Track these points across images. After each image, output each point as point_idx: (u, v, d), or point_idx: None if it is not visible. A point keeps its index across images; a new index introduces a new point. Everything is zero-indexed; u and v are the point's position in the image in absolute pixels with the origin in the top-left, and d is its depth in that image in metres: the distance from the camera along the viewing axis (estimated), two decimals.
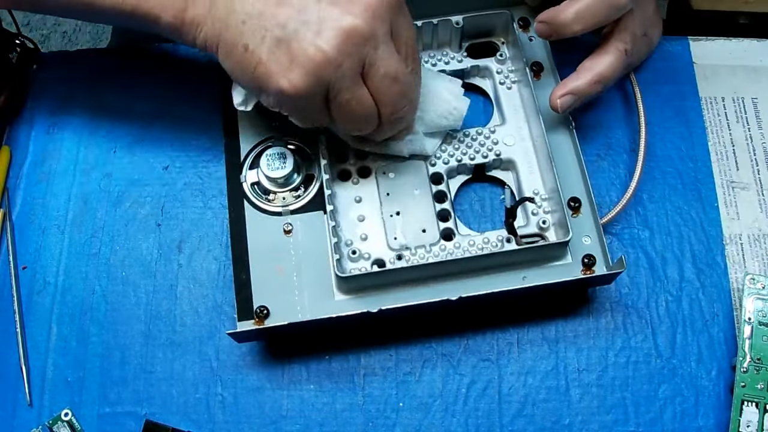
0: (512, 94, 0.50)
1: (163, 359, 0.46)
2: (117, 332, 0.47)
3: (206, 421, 0.45)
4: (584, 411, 0.44)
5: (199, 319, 0.47)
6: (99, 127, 0.52)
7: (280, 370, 0.45)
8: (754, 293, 0.44)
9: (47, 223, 0.50)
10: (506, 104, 0.50)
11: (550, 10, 0.44)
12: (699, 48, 0.54)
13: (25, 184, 0.51)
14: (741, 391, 0.43)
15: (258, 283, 0.44)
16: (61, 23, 1.39)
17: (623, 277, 0.47)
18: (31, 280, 0.48)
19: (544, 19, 0.45)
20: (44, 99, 0.53)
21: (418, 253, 0.45)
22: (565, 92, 0.45)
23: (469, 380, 0.45)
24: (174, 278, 0.48)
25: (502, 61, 0.51)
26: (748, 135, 0.51)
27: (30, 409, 0.45)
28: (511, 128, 0.49)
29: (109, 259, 0.48)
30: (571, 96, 0.45)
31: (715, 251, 0.48)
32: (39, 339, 0.46)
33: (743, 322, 0.44)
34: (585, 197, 0.46)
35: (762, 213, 0.49)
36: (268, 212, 0.46)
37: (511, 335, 0.46)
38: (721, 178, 0.50)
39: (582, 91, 0.45)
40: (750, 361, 0.43)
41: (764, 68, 0.54)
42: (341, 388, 0.45)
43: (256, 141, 0.48)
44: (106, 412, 0.45)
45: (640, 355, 0.45)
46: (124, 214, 0.50)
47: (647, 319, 0.46)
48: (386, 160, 0.48)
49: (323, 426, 0.44)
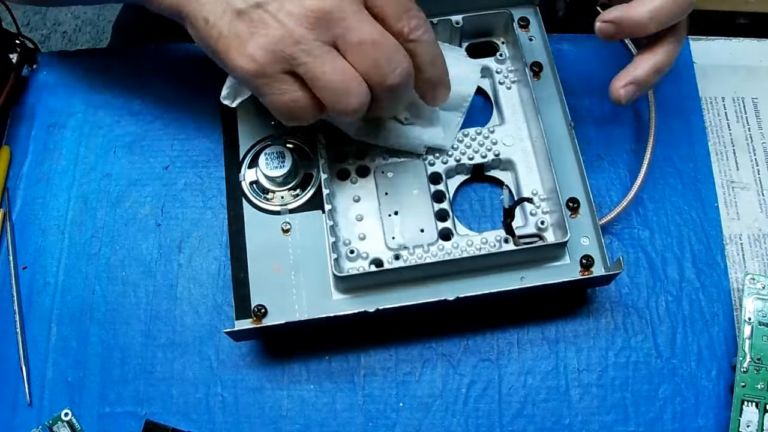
0: (512, 94, 0.50)
1: (163, 359, 0.46)
2: (117, 332, 0.47)
3: (206, 421, 0.45)
4: (584, 411, 0.44)
5: (199, 319, 0.47)
6: (99, 127, 0.52)
7: (280, 370, 0.45)
8: (754, 293, 0.44)
9: (47, 223, 0.50)
10: (505, 104, 0.50)
11: (617, 9, 0.42)
12: (699, 48, 0.54)
13: (25, 184, 0.51)
14: (741, 391, 0.43)
15: (256, 281, 0.44)
16: (61, 23, 1.39)
17: (623, 277, 0.47)
18: (31, 280, 0.48)
19: (610, 19, 0.42)
20: (44, 99, 0.53)
21: (416, 253, 0.45)
22: (627, 82, 0.44)
23: (469, 380, 0.45)
24: (174, 278, 0.48)
25: (501, 61, 0.51)
26: (748, 135, 0.51)
27: (30, 409, 0.45)
28: (510, 128, 0.49)
29: (109, 259, 0.48)
30: (633, 86, 0.44)
31: (715, 251, 0.48)
32: (39, 339, 0.46)
33: (743, 322, 0.44)
34: (584, 198, 0.46)
35: (762, 213, 0.49)
36: (267, 211, 0.46)
37: (511, 335, 0.46)
38: (721, 178, 0.50)
39: (643, 81, 0.44)
40: (750, 361, 0.43)
41: (764, 68, 0.54)
42: (341, 388, 0.45)
43: (255, 140, 0.48)
44: (106, 412, 0.45)
45: (640, 355, 0.45)
46: (124, 214, 0.50)
47: (647, 319, 0.46)
48: (386, 159, 0.48)
49: (323, 426, 0.44)
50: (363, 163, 0.48)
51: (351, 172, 0.48)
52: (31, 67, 0.54)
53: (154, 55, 0.55)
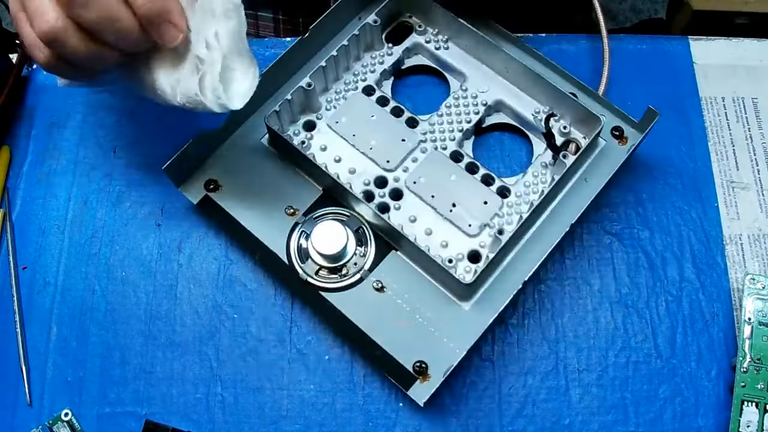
0: (453, 50, 0.51)
1: (163, 359, 0.46)
2: (117, 332, 0.47)
3: (206, 421, 0.45)
4: (584, 411, 0.44)
5: (199, 319, 0.47)
6: (99, 127, 0.52)
7: (280, 370, 0.45)
8: (754, 293, 0.44)
9: (47, 223, 0.50)
10: (455, 61, 0.51)
11: None
12: (699, 48, 0.54)
13: (25, 184, 0.51)
14: (741, 391, 0.43)
15: (402, 345, 0.43)
16: None
17: (623, 277, 0.47)
18: (31, 280, 0.48)
19: None
20: (44, 99, 0.53)
21: (497, 223, 0.46)
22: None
23: (469, 380, 0.45)
24: (174, 278, 0.48)
25: (423, 32, 0.52)
26: (748, 135, 0.51)
27: (30, 409, 0.45)
28: (476, 75, 0.50)
29: (109, 259, 0.48)
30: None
31: (715, 251, 0.48)
32: (39, 339, 0.46)
33: (743, 322, 0.44)
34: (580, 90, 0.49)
35: (762, 213, 0.49)
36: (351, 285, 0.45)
37: (511, 335, 0.46)
38: (721, 178, 0.50)
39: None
40: (750, 361, 0.43)
41: (764, 68, 0.54)
42: (341, 388, 0.45)
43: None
44: (106, 412, 0.45)
45: (640, 355, 0.45)
46: (124, 214, 0.50)
47: (647, 319, 0.46)
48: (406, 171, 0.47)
49: (323, 426, 0.44)
50: (391, 188, 0.47)
51: (389, 205, 0.47)
52: (31, 67, 0.54)
53: None
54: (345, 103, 0.50)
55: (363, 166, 0.48)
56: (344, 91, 0.50)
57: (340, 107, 0.50)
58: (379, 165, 0.48)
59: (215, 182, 0.48)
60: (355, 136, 0.49)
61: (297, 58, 0.50)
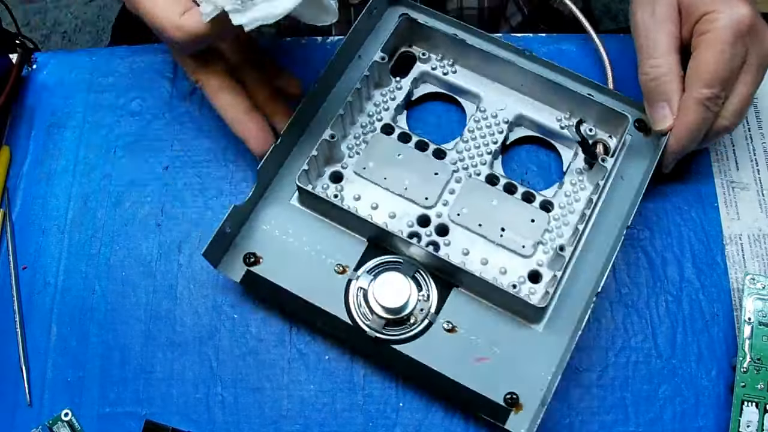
0: (461, 72, 0.51)
1: (163, 359, 0.46)
2: (117, 332, 0.47)
3: (206, 421, 0.45)
4: (584, 411, 0.44)
5: (199, 319, 0.47)
6: (99, 127, 0.52)
7: (280, 370, 0.45)
8: (754, 293, 0.44)
9: (47, 223, 0.50)
10: (466, 83, 0.50)
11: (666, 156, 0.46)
12: None
13: (25, 184, 0.51)
14: (741, 391, 0.43)
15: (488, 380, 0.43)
16: (61, 23, 1.39)
17: (623, 277, 0.47)
18: (31, 280, 0.48)
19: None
20: (44, 99, 0.53)
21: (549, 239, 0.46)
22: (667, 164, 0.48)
23: None
24: (174, 278, 0.48)
25: (426, 60, 0.51)
26: (748, 135, 0.51)
27: (30, 409, 0.45)
28: (490, 94, 0.50)
29: (109, 259, 0.48)
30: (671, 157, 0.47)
31: (715, 251, 0.48)
32: (39, 339, 0.46)
33: (743, 322, 0.44)
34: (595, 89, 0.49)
35: (762, 213, 0.49)
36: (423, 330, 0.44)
37: None
38: (721, 178, 0.50)
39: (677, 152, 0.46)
40: (750, 361, 0.43)
41: None
42: (341, 388, 0.45)
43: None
44: (106, 412, 0.45)
45: (640, 355, 0.45)
46: (124, 214, 0.50)
47: (647, 319, 0.46)
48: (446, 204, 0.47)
49: (323, 426, 0.44)
50: (437, 224, 0.47)
51: (438, 243, 0.46)
52: (31, 67, 0.54)
53: (154, 55, 0.55)
54: (367, 147, 0.48)
55: (402, 209, 0.47)
56: (363, 134, 0.49)
57: (364, 152, 0.48)
58: (419, 204, 0.47)
59: (254, 255, 0.46)
60: (387, 179, 0.47)
61: (308, 111, 0.49)
